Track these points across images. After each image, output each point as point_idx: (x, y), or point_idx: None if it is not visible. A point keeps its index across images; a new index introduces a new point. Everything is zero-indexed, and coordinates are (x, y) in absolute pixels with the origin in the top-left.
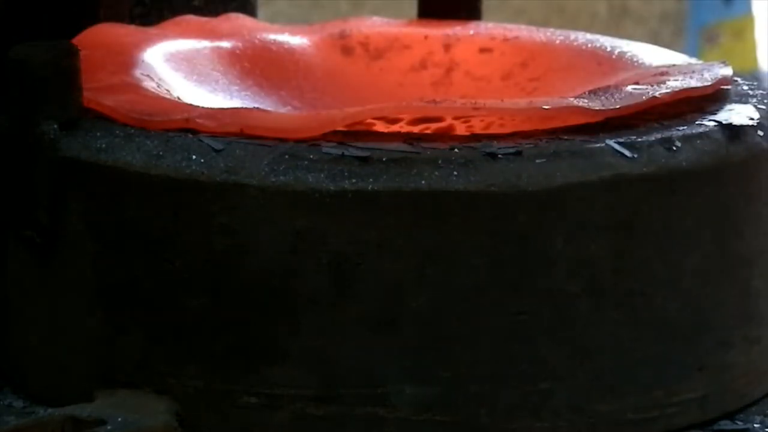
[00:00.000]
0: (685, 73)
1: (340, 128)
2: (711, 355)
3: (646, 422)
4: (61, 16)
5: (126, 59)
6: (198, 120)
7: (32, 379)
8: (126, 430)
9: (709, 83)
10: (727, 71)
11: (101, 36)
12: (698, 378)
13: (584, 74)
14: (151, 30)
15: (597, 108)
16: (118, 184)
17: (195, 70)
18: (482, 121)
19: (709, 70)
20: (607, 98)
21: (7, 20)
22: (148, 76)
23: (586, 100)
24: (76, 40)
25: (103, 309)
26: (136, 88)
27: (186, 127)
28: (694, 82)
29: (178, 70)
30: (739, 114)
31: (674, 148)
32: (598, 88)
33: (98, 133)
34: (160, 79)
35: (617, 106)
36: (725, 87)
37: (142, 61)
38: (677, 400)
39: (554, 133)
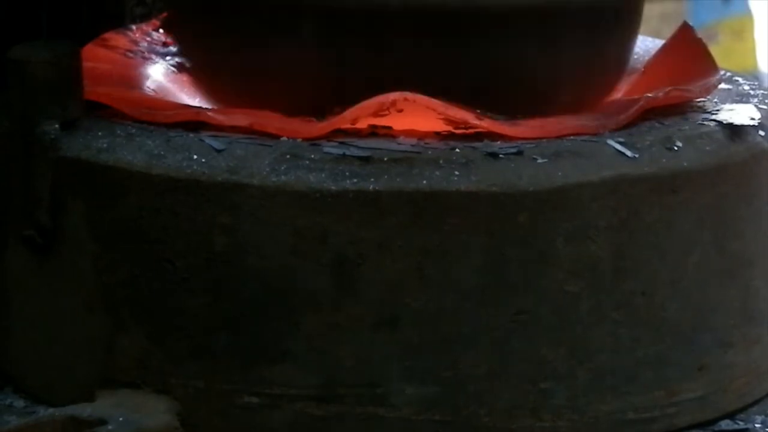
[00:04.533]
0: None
1: (346, 126)
2: (711, 355)
3: (646, 422)
4: (61, 17)
5: (130, 72)
6: (209, 113)
7: (33, 379)
8: (127, 430)
9: (698, 88)
10: (718, 76)
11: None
12: (698, 378)
13: None
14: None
15: (595, 127)
16: (118, 184)
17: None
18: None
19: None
20: (603, 116)
21: (7, 20)
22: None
23: (584, 120)
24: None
25: (104, 309)
26: (145, 89)
27: (196, 119)
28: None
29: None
30: (740, 114)
31: (675, 148)
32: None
33: (98, 133)
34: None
35: (613, 125)
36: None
37: (146, 76)
38: (677, 400)
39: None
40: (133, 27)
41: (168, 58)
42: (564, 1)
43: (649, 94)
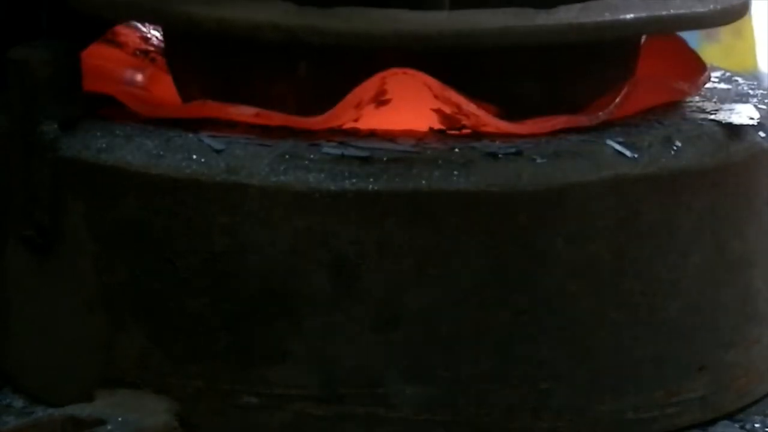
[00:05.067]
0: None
1: (349, 118)
2: (711, 355)
3: (646, 422)
4: (61, 17)
5: (136, 72)
6: (215, 105)
7: (32, 379)
8: (126, 430)
9: (686, 85)
10: (708, 72)
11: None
12: (698, 378)
13: None
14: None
15: (587, 119)
16: (118, 184)
17: None
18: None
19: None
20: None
21: (7, 20)
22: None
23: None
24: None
25: (103, 309)
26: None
27: (201, 115)
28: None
29: None
30: (740, 114)
31: (675, 148)
32: None
33: (98, 133)
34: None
35: (606, 115)
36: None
37: (151, 75)
38: (677, 400)
39: (555, 132)
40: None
41: None
42: (560, 39)
43: (632, 80)
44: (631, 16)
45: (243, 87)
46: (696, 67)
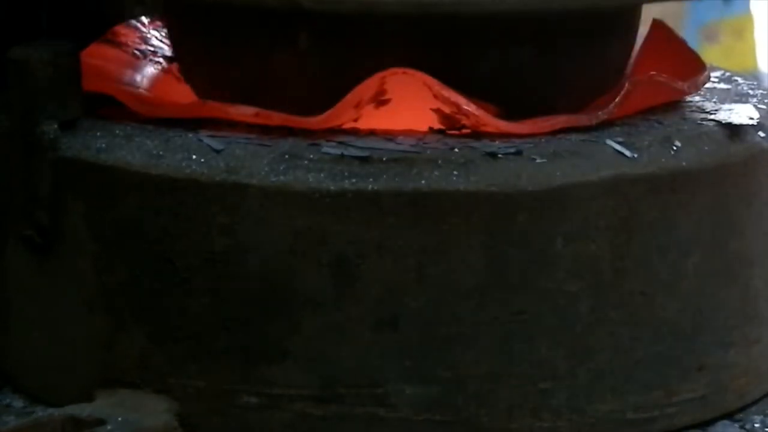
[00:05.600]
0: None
1: (349, 118)
2: (711, 355)
3: (646, 422)
4: (61, 17)
5: (136, 72)
6: (215, 105)
7: (32, 378)
8: (126, 430)
9: (686, 84)
10: (708, 72)
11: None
12: (698, 378)
13: None
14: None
15: (587, 119)
16: (118, 184)
17: None
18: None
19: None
20: (595, 109)
21: (7, 20)
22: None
23: (576, 115)
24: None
25: (103, 309)
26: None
27: (201, 114)
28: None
29: None
30: (740, 114)
31: (674, 147)
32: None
33: (98, 133)
34: None
35: (605, 115)
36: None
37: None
38: (677, 400)
39: (554, 132)
40: (145, 20)
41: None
42: (560, 5)
43: (632, 80)
44: None
45: (245, 68)
46: (696, 67)
